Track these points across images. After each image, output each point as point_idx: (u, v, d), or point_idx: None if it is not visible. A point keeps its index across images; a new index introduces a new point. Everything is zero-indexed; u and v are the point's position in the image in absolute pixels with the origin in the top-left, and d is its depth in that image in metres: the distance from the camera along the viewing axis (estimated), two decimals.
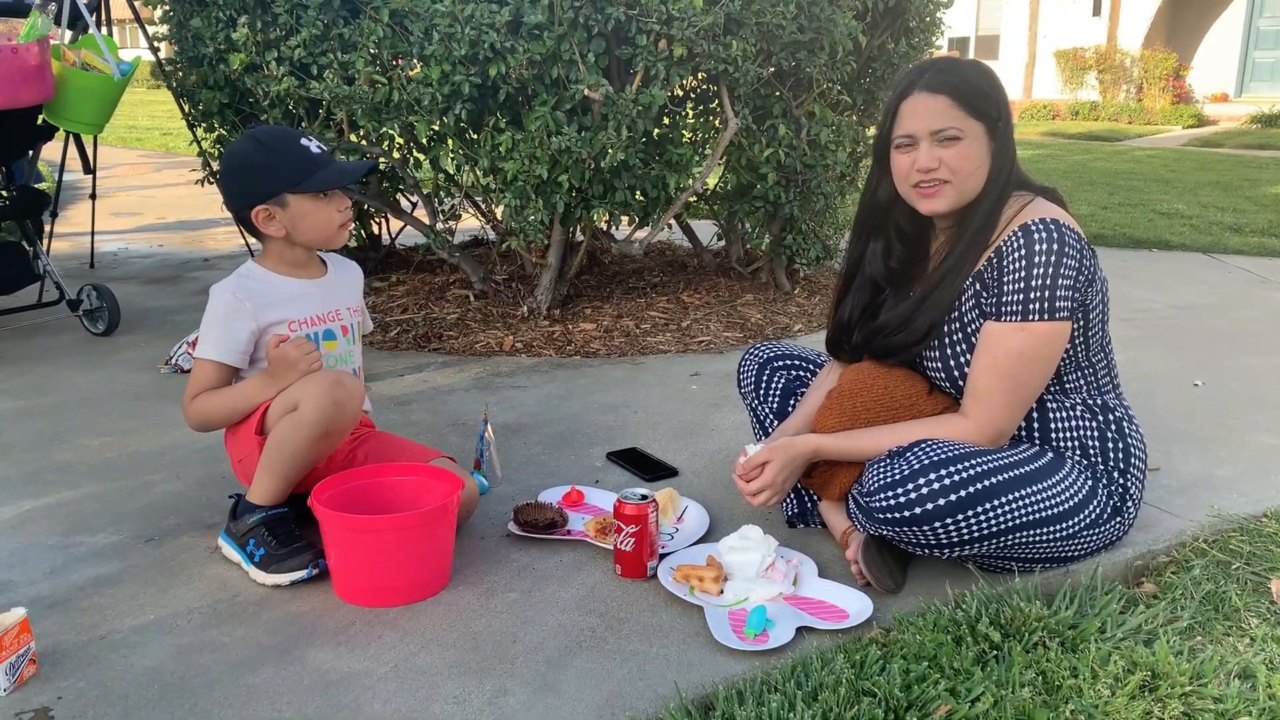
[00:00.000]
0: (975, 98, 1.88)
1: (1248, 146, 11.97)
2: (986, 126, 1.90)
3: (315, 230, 2.13)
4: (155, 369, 3.45)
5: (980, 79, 1.91)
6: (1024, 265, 1.84)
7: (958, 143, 1.87)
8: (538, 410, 3.01)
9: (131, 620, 1.87)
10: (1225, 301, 4.43)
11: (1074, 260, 1.84)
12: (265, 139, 2.12)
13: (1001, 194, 1.93)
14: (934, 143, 1.88)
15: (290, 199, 2.09)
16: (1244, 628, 1.84)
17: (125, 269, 5.20)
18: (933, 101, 1.88)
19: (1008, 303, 1.86)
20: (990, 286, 1.89)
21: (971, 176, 1.90)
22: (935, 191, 1.91)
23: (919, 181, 1.91)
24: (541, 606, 1.91)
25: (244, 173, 2.12)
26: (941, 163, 1.88)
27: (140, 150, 11.73)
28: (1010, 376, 1.87)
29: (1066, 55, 16.75)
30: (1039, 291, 1.83)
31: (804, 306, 4.17)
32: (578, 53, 3.23)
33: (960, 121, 1.87)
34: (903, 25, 4.04)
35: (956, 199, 1.91)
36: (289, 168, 2.08)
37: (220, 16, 3.58)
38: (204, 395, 2.09)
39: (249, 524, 2.02)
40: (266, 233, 2.13)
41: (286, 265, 2.18)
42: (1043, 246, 1.83)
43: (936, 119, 1.87)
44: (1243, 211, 6.79)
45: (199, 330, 2.14)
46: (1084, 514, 1.92)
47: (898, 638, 1.74)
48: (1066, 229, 1.85)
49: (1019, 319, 1.85)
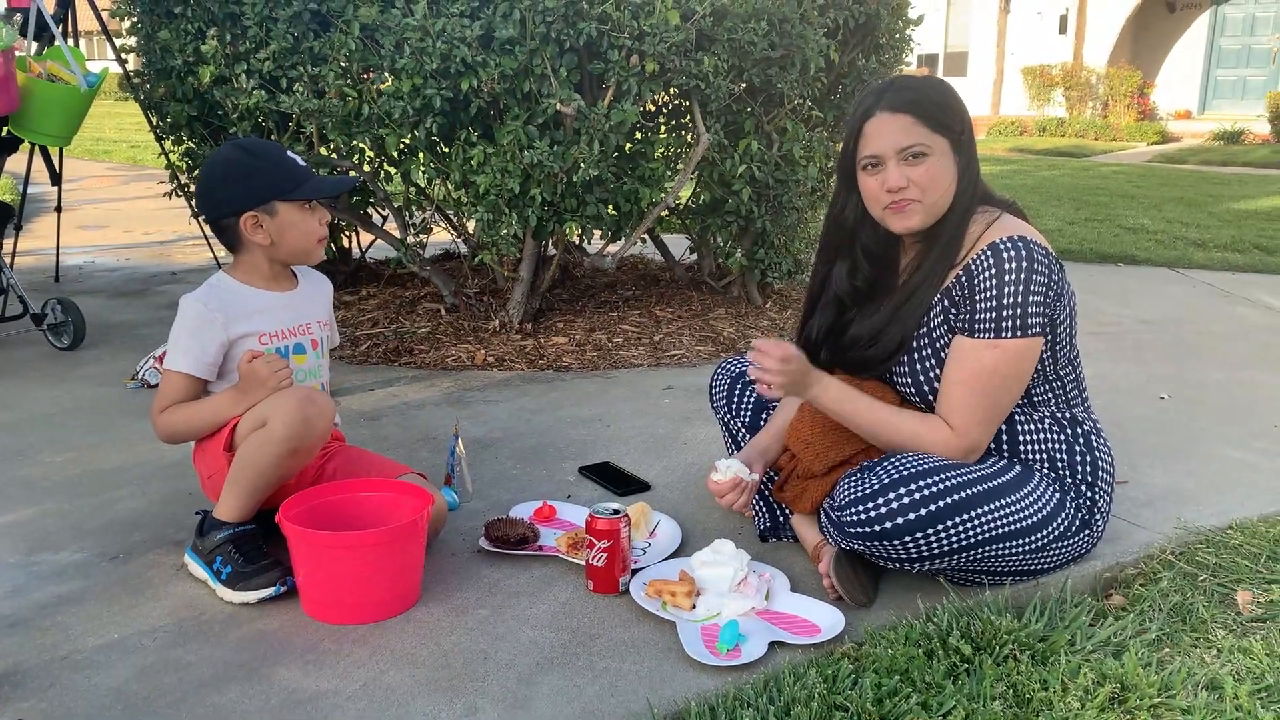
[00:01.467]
0: (937, 112, 1.89)
1: (1210, 163, 12.17)
2: (950, 141, 1.91)
3: (299, 241, 2.13)
4: (121, 384, 3.40)
5: (939, 94, 1.93)
6: (995, 284, 1.85)
7: (925, 159, 1.88)
8: (509, 424, 2.99)
9: (95, 639, 1.84)
10: (1190, 315, 4.49)
11: (1043, 277, 1.86)
12: (252, 147, 2.11)
13: (968, 208, 1.95)
14: (901, 161, 1.89)
15: (280, 207, 2.08)
16: (1211, 639, 1.86)
17: (91, 283, 5.14)
18: (895, 120, 1.88)
19: (981, 320, 1.87)
20: (960, 304, 1.90)
21: (940, 192, 1.91)
22: (905, 209, 1.91)
23: (888, 203, 1.92)
24: (513, 623, 1.90)
25: (234, 178, 2.09)
26: (910, 181, 1.88)
27: (108, 163, 11.62)
28: (984, 392, 1.88)
29: (1034, 72, 16.97)
30: (1011, 309, 1.84)
31: (776, 320, 4.18)
32: (550, 67, 3.23)
33: (925, 138, 1.88)
34: (873, 42, 4.08)
35: (927, 216, 1.92)
36: (280, 175, 2.08)
37: (189, 29, 3.55)
38: (173, 408, 2.06)
39: (216, 541, 1.99)
40: (253, 241, 2.10)
41: (259, 277, 2.16)
42: (1013, 265, 1.84)
43: (902, 137, 1.88)
44: (1206, 227, 6.90)
45: (167, 343, 2.12)
46: (1052, 527, 1.93)
47: (870, 652, 1.74)
48: (1035, 245, 1.87)
49: (993, 336, 1.86)
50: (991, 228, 1.92)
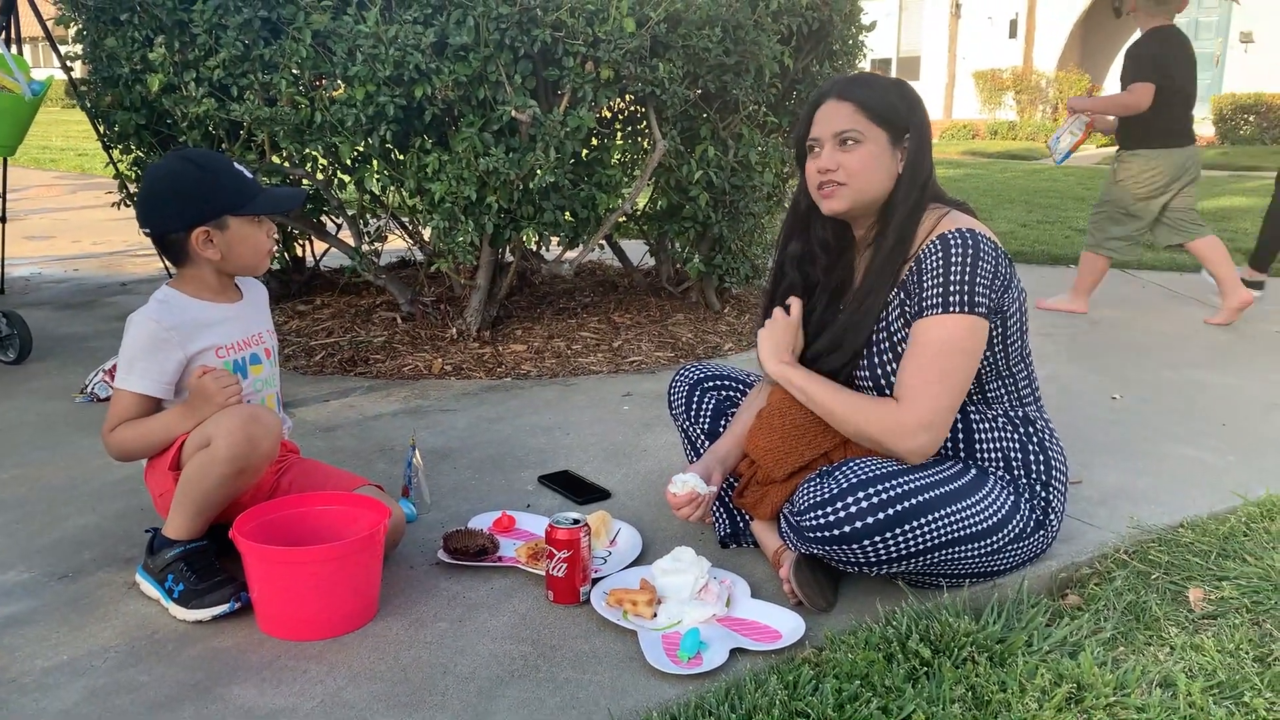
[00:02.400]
0: (881, 107, 1.95)
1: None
2: (890, 136, 1.95)
3: (249, 255, 2.09)
4: (69, 398, 3.34)
5: (892, 93, 1.98)
6: (941, 266, 1.88)
7: (858, 146, 1.94)
8: (467, 434, 2.97)
9: (43, 661, 1.80)
10: (1140, 316, 4.57)
11: (989, 264, 1.89)
12: (199, 160, 2.06)
13: (915, 207, 1.97)
14: (835, 146, 1.95)
15: (231, 221, 2.04)
16: (1164, 636, 1.88)
17: (38, 294, 5.04)
18: (840, 107, 1.95)
19: (928, 298, 1.89)
20: (912, 294, 1.93)
21: (869, 180, 1.95)
22: (832, 192, 1.97)
23: (819, 184, 1.98)
24: (472, 636, 1.88)
25: (183, 192, 2.04)
26: (840, 165, 1.95)
27: (55, 171, 11.42)
28: (937, 368, 1.88)
29: (985, 76, 17.22)
30: (957, 286, 1.87)
31: (734, 325, 4.19)
32: (504, 74, 3.22)
33: (862, 126, 1.94)
34: (826, 48, 4.10)
35: (853, 200, 1.97)
36: (231, 189, 2.04)
37: (136, 36, 3.49)
38: (123, 426, 2.02)
39: (167, 559, 1.96)
40: (204, 256, 2.06)
41: (207, 290, 2.11)
42: (958, 252, 1.88)
43: (839, 122, 1.95)
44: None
45: (116, 358, 2.07)
46: (1008, 529, 1.95)
47: (830, 657, 1.75)
48: (982, 237, 1.91)
49: (940, 312, 1.88)
50: (941, 222, 1.96)
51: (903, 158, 1.97)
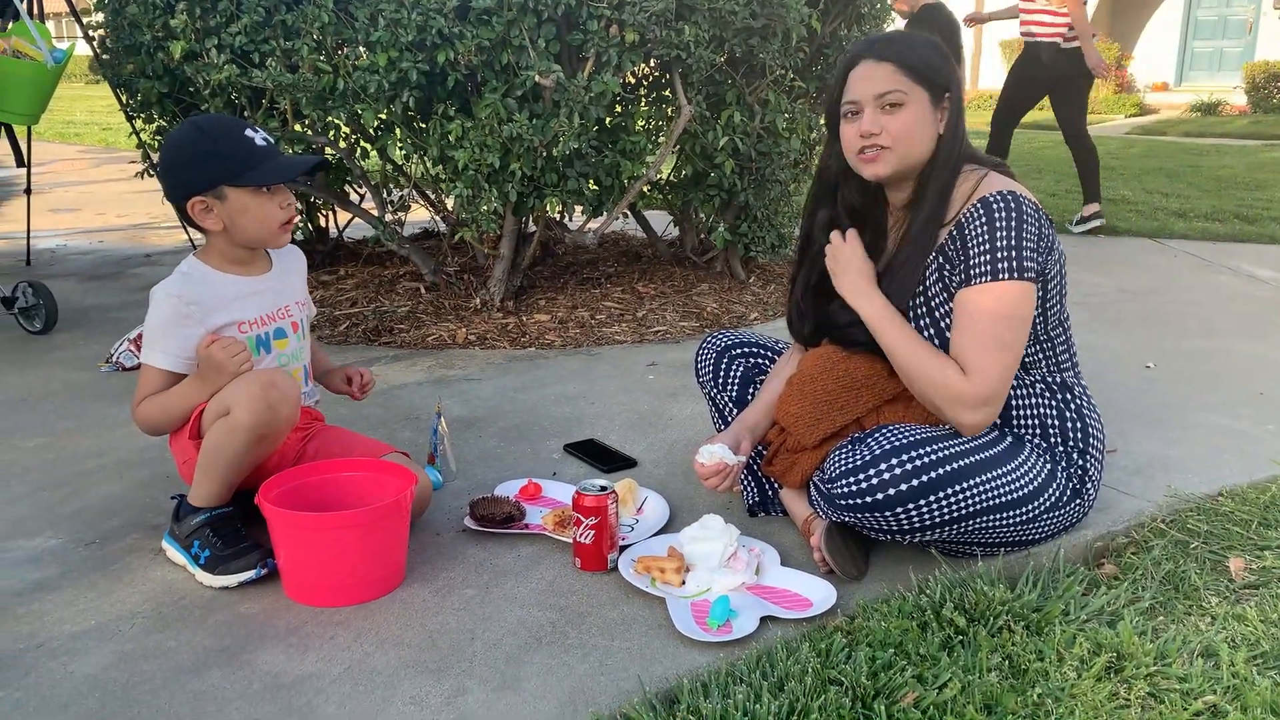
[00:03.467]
0: (921, 65, 1.89)
1: (1189, 134, 12.19)
2: (931, 95, 1.90)
3: (255, 227, 2.03)
4: (94, 367, 3.34)
5: (929, 51, 1.92)
6: (987, 232, 1.83)
7: (901, 109, 1.88)
8: (493, 403, 2.95)
9: (71, 627, 1.80)
10: (1172, 285, 4.49)
11: (1034, 226, 1.85)
12: (207, 127, 2.00)
13: (954, 171, 1.92)
14: (877, 108, 1.89)
15: (229, 192, 1.98)
16: (1204, 606, 1.84)
17: (63, 266, 5.05)
18: (878, 68, 1.89)
19: (976, 265, 1.84)
20: (954, 260, 1.88)
21: (914, 143, 1.90)
22: (876, 157, 1.91)
23: (862, 148, 1.92)
24: (500, 602, 1.86)
25: (184, 160, 2.00)
26: (884, 129, 1.88)
27: (79, 145, 11.44)
28: (993, 335, 1.83)
29: (1012, 45, 16.94)
30: (1005, 253, 1.82)
31: (759, 295, 4.15)
32: (528, 38, 3.17)
33: (904, 86, 1.88)
34: (854, 12, 4.03)
35: (898, 164, 1.91)
36: (229, 158, 1.97)
37: (157, 3, 3.47)
38: (148, 401, 2.01)
39: (193, 525, 1.95)
40: (204, 226, 2.03)
41: (231, 262, 2.08)
42: (1002, 215, 1.83)
43: (880, 83, 1.88)
44: (1186, 197, 6.90)
45: (142, 327, 2.05)
46: (1044, 497, 1.91)
47: (863, 625, 1.72)
48: (1024, 199, 1.86)
49: (989, 279, 1.83)
50: (981, 184, 1.91)
51: (943, 118, 1.92)
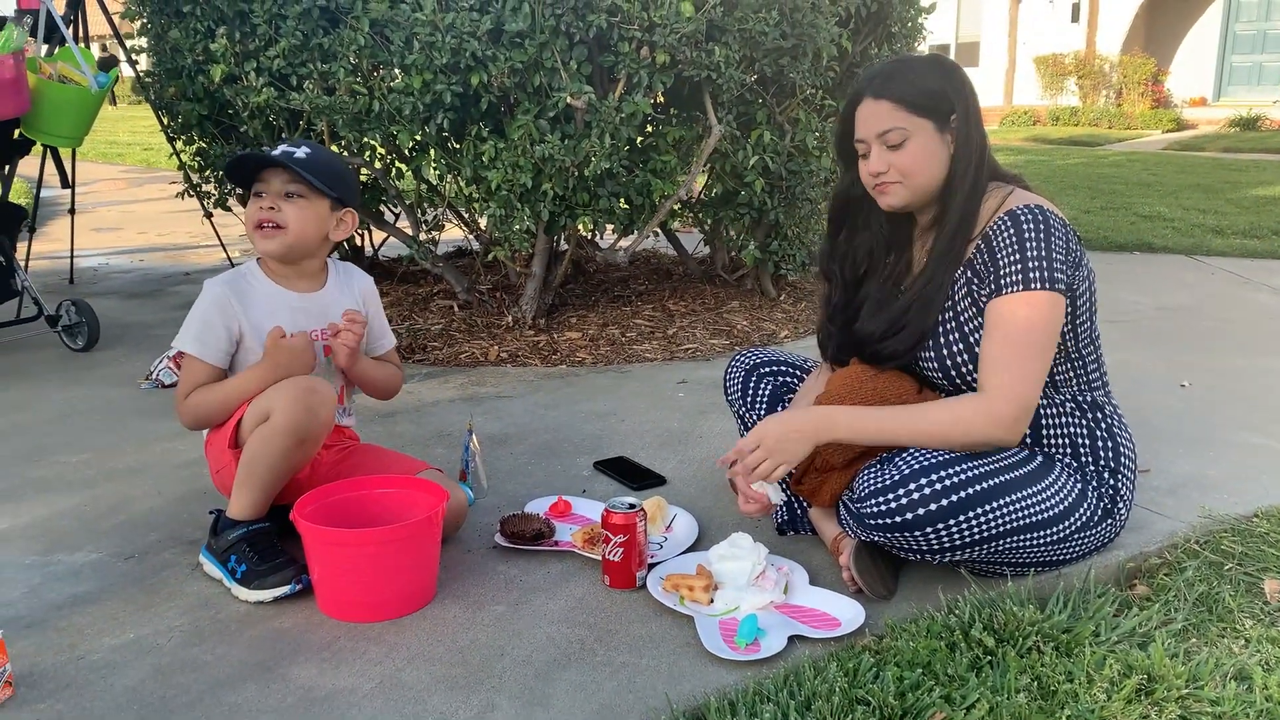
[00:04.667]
0: (919, 97, 1.89)
1: (1227, 150, 12.06)
2: (935, 123, 1.90)
3: (248, 228, 2.13)
4: (135, 384, 3.40)
5: (928, 77, 1.91)
6: (1017, 244, 1.84)
7: (904, 145, 1.89)
8: (524, 420, 2.98)
9: (110, 639, 1.83)
10: (1209, 302, 4.44)
11: (1061, 240, 1.85)
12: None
13: (975, 186, 1.93)
14: (882, 146, 1.91)
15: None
16: (1238, 629, 1.83)
17: (105, 284, 5.15)
18: (877, 107, 1.90)
19: (1007, 276, 1.84)
20: (983, 274, 1.88)
21: (922, 173, 1.91)
22: (887, 189, 1.94)
23: (873, 184, 1.95)
24: (529, 619, 1.88)
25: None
26: (890, 165, 1.91)
27: (121, 165, 11.68)
28: (1025, 344, 1.83)
29: (1046, 61, 16.87)
30: (1035, 263, 1.83)
31: (790, 313, 4.15)
32: (560, 61, 3.21)
33: (905, 122, 1.88)
34: (885, 31, 4.04)
35: (909, 196, 1.93)
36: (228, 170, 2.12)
37: (198, 28, 3.55)
38: (197, 392, 2.05)
39: (230, 540, 1.98)
40: None
41: (279, 275, 2.14)
42: (1030, 227, 1.84)
43: (881, 122, 1.90)
44: (1224, 214, 6.83)
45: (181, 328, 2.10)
46: (1075, 517, 1.90)
47: (891, 645, 1.72)
48: (1051, 213, 1.87)
49: (1021, 289, 1.83)
50: (1008, 199, 1.92)
51: (953, 139, 1.92)
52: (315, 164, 2.06)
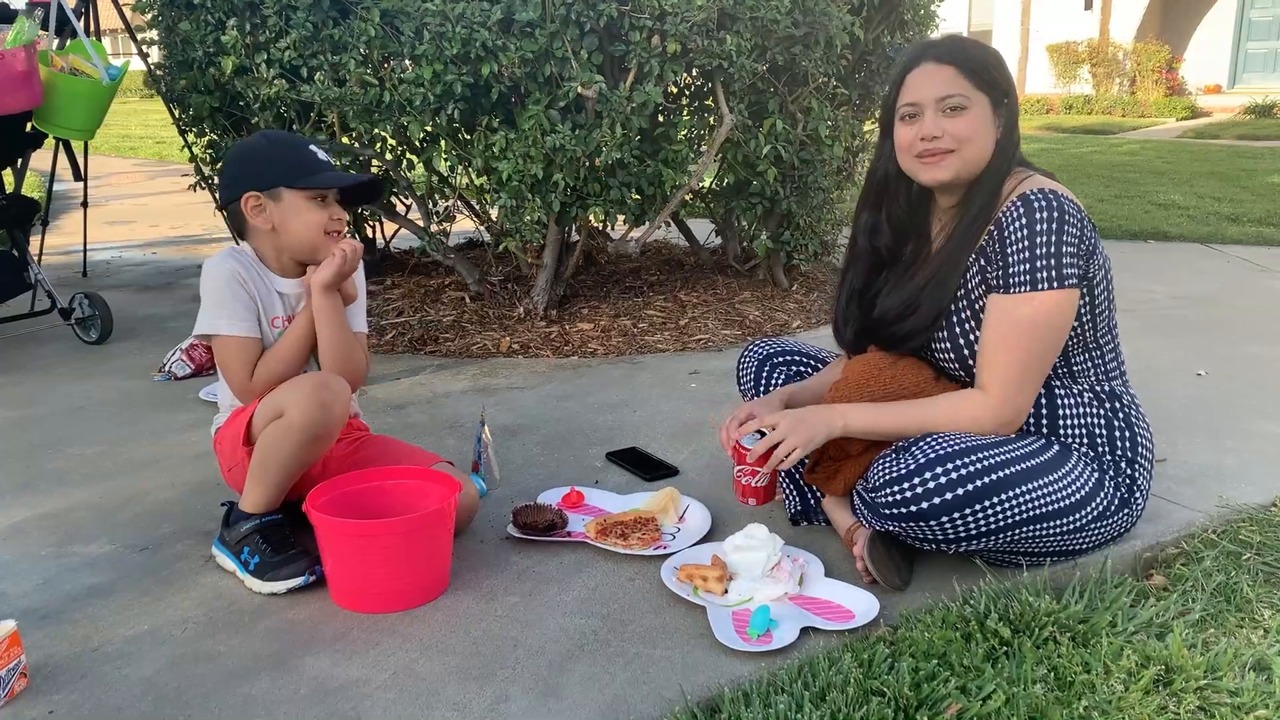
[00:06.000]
0: (983, 69, 1.87)
1: (1242, 137, 11.95)
2: (992, 100, 1.89)
3: (302, 231, 2.07)
4: (148, 376, 3.41)
5: (988, 55, 1.91)
6: (1026, 235, 1.81)
7: (964, 112, 1.86)
8: (536, 411, 2.97)
9: (125, 630, 1.84)
10: (1225, 291, 4.41)
11: (1074, 229, 1.82)
12: (275, 138, 2.12)
13: (1005, 174, 1.91)
14: (939, 112, 1.87)
15: (285, 194, 2.05)
16: (1257, 619, 1.81)
17: (118, 277, 5.16)
18: (940, 71, 1.87)
19: (1015, 273, 1.82)
20: (993, 259, 1.87)
21: (976, 147, 1.88)
22: (938, 160, 1.88)
23: (922, 151, 1.89)
24: (542, 610, 1.88)
25: (245, 159, 2.11)
26: (946, 132, 1.86)
27: (134, 159, 11.70)
28: (1024, 348, 1.83)
29: (1059, 49, 16.75)
30: (1044, 260, 1.80)
31: (802, 303, 4.13)
32: (570, 50, 3.20)
33: (967, 90, 1.86)
34: (897, 19, 4.01)
35: (960, 168, 1.89)
36: (290, 163, 2.06)
37: (209, 20, 3.54)
38: (260, 365, 2.04)
39: (243, 531, 1.99)
40: (254, 224, 2.08)
41: (270, 260, 2.14)
42: (1043, 215, 1.81)
43: (943, 86, 1.86)
44: (1240, 201, 6.77)
45: (193, 338, 2.10)
46: (1091, 506, 1.89)
47: (906, 635, 1.71)
48: (1065, 198, 1.84)
49: (1028, 289, 1.81)
50: (1023, 183, 1.89)
51: (1001, 123, 1.91)
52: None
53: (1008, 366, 1.84)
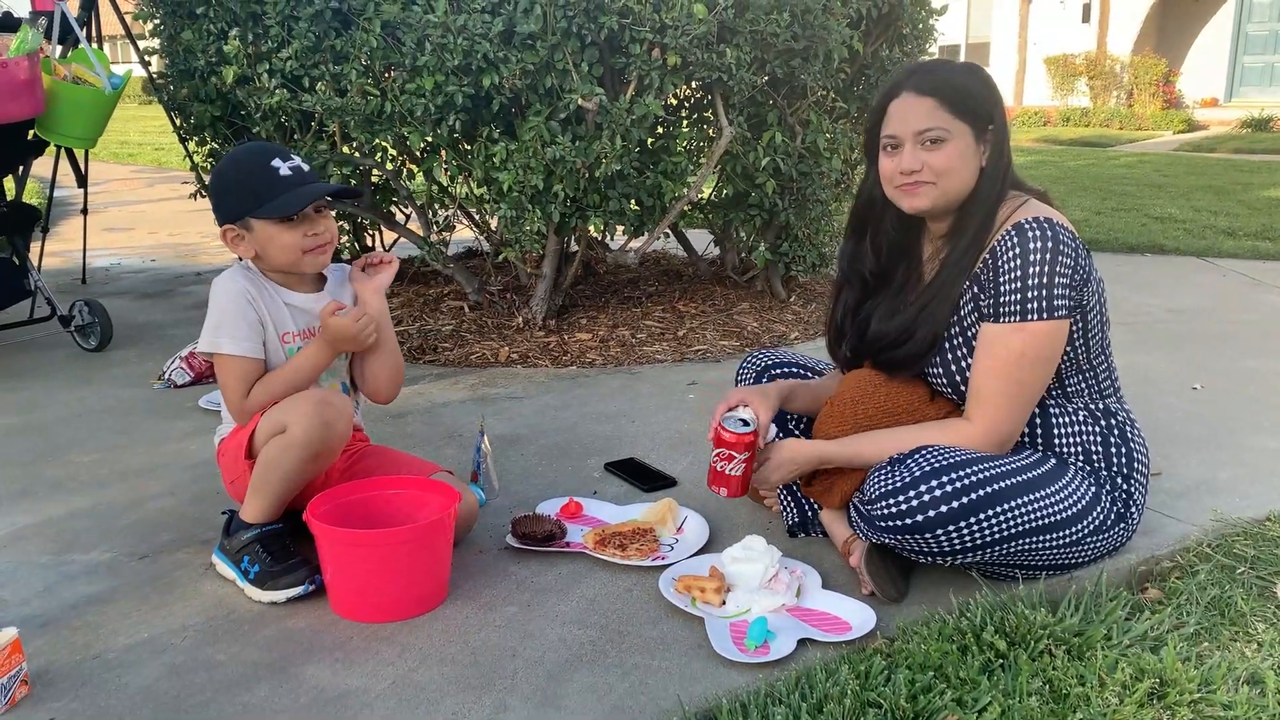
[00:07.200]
0: (963, 99, 1.87)
1: (1239, 151, 12.00)
2: (974, 128, 1.89)
3: (280, 255, 2.06)
4: (148, 384, 3.42)
5: (971, 81, 1.90)
6: (1019, 265, 1.82)
7: (943, 145, 1.87)
8: (534, 421, 2.98)
9: (125, 639, 1.84)
10: (1221, 304, 4.43)
11: (1069, 259, 1.83)
12: (241, 157, 2.09)
13: (996, 198, 1.92)
14: (918, 144, 1.88)
15: (254, 223, 2.03)
16: (1250, 633, 1.82)
17: (117, 284, 5.17)
18: (919, 103, 1.87)
19: (1005, 304, 1.84)
20: (986, 287, 1.88)
21: (956, 178, 1.89)
22: (917, 190, 1.90)
23: (901, 183, 1.91)
24: (541, 620, 1.89)
25: (215, 191, 2.11)
26: (925, 165, 1.87)
27: (133, 165, 11.72)
28: (1013, 379, 1.86)
29: (1057, 62, 16.81)
30: (1036, 291, 1.82)
31: (800, 314, 4.15)
32: (571, 62, 3.22)
33: (946, 123, 1.86)
34: (896, 33, 4.04)
35: (938, 198, 1.90)
36: (252, 190, 2.02)
37: (211, 29, 3.56)
38: (257, 387, 2.03)
39: (243, 540, 1.99)
40: (239, 253, 2.09)
41: (279, 278, 2.14)
42: (1037, 245, 1.82)
43: (921, 119, 1.86)
44: (1235, 215, 6.80)
45: (194, 345, 2.10)
46: (1087, 520, 1.90)
47: (902, 648, 1.72)
48: (1060, 227, 1.84)
49: (1018, 319, 1.83)
50: (1018, 210, 1.90)
51: (986, 150, 1.91)
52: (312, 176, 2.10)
53: (995, 395, 1.86)
